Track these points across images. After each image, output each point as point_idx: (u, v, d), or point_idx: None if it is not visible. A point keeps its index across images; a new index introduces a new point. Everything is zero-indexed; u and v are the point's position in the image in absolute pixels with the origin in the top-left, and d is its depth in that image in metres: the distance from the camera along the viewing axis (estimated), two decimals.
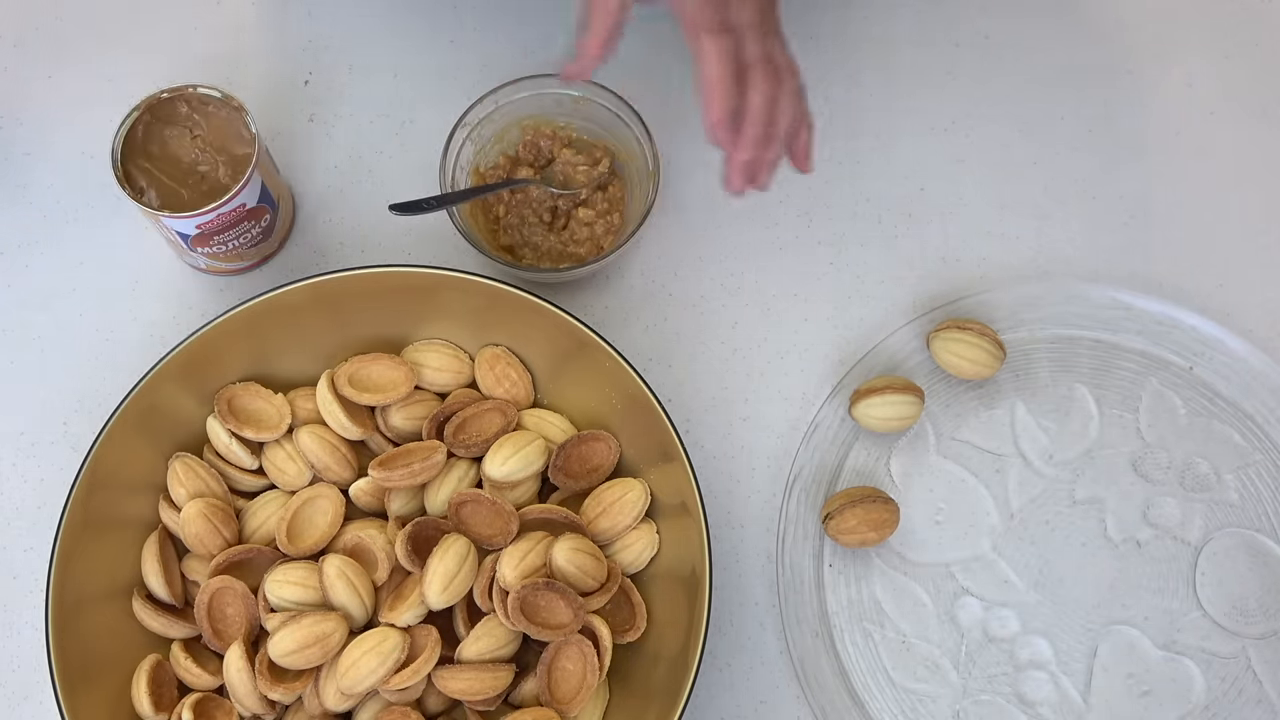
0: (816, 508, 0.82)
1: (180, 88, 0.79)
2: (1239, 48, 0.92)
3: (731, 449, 0.84)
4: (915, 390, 0.81)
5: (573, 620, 0.73)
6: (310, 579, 0.74)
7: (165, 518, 0.78)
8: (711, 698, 0.80)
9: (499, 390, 0.80)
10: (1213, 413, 0.84)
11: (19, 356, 0.85)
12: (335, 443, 0.79)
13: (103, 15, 0.92)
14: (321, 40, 0.92)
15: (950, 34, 0.92)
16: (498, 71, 0.87)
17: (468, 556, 0.73)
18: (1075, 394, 0.84)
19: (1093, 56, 0.92)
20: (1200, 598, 0.81)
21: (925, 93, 0.91)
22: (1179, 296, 0.86)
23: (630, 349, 0.84)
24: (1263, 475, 0.82)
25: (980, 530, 0.82)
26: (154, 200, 0.78)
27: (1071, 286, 0.85)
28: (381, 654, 0.71)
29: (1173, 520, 0.82)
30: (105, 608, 0.75)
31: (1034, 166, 0.90)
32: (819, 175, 0.89)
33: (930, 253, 0.88)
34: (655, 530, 0.78)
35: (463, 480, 0.78)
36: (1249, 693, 0.79)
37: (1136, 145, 0.90)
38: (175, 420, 0.78)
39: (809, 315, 0.86)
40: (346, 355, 0.80)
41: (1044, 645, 0.80)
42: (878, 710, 0.79)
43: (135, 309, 0.86)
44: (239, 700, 0.73)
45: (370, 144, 0.90)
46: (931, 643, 0.80)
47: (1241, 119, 0.91)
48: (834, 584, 0.81)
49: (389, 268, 0.78)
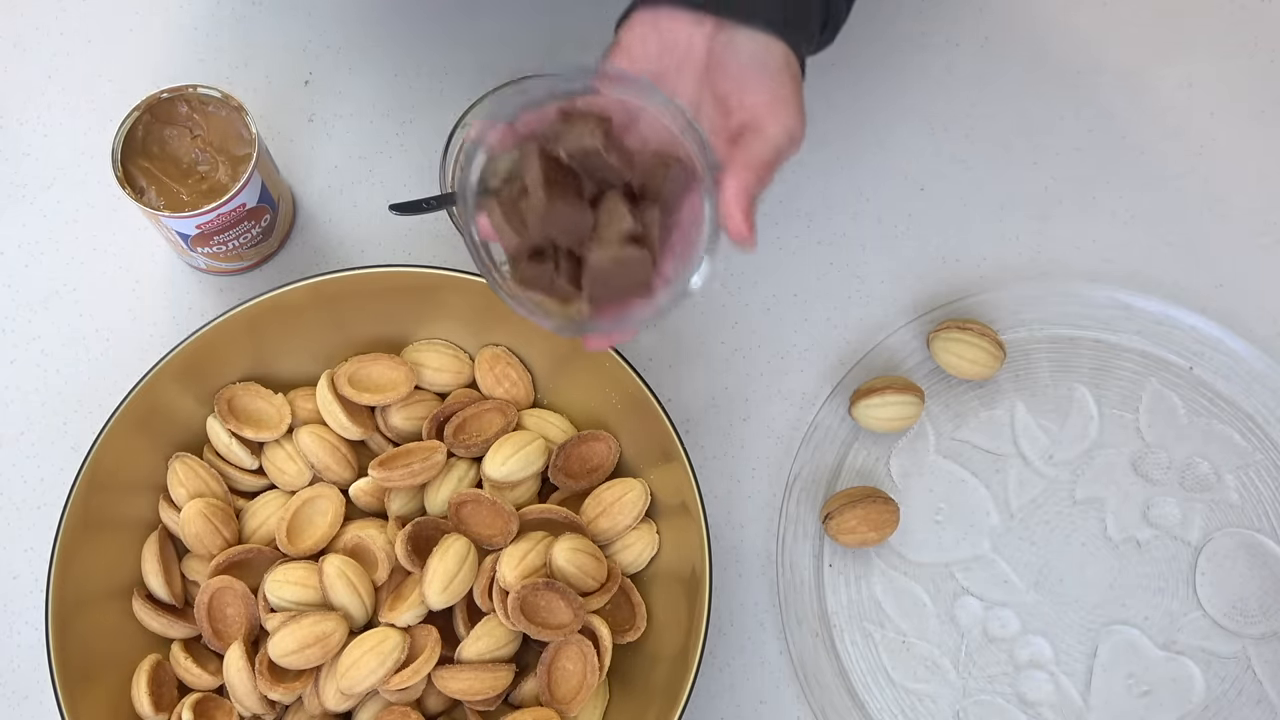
0: (816, 508, 0.82)
1: (180, 88, 0.79)
2: (1239, 48, 0.92)
3: (731, 449, 0.84)
4: (915, 390, 0.81)
5: (573, 620, 0.73)
6: (310, 579, 0.74)
7: (165, 518, 0.78)
8: (711, 698, 0.80)
9: (499, 390, 0.80)
10: (1213, 413, 0.84)
11: (19, 356, 0.85)
12: (335, 443, 0.79)
13: (103, 15, 0.92)
14: (321, 40, 0.92)
15: (950, 34, 0.92)
16: (497, 71, 0.87)
17: (468, 556, 0.73)
18: (1075, 394, 0.84)
19: (1093, 56, 0.92)
20: (1200, 598, 0.81)
21: (925, 93, 0.91)
22: (1179, 296, 0.86)
23: (630, 349, 0.84)
24: (1263, 475, 0.82)
25: (980, 530, 0.82)
26: (154, 200, 0.78)
27: (1071, 286, 0.85)
28: (381, 654, 0.71)
29: (1173, 520, 0.82)
30: (105, 608, 0.75)
31: (1034, 166, 0.90)
32: (819, 175, 0.89)
33: (930, 253, 0.88)
34: (655, 530, 0.78)
35: (463, 480, 0.78)
36: (1249, 693, 0.79)
37: (1136, 145, 0.90)
38: (175, 420, 0.78)
39: (809, 315, 0.86)
40: (346, 355, 0.80)
41: (1044, 645, 0.80)
42: (878, 710, 0.79)
43: (135, 309, 0.86)
44: (239, 700, 0.73)
45: (370, 144, 0.90)
46: (931, 643, 0.80)
47: (1241, 119, 0.91)
48: (834, 584, 0.81)
49: (389, 268, 0.78)
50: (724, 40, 0.64)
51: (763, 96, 0.63)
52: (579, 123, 0.61)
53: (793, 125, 0.63)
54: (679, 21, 0.64)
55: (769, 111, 0.63)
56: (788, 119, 0.63)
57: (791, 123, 0.63)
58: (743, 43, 0.64)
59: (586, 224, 0.61)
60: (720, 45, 0.64)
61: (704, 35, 0.64)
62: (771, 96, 0.63)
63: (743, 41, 0.64)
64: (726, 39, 0.64)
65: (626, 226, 0.60)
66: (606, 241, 0.60)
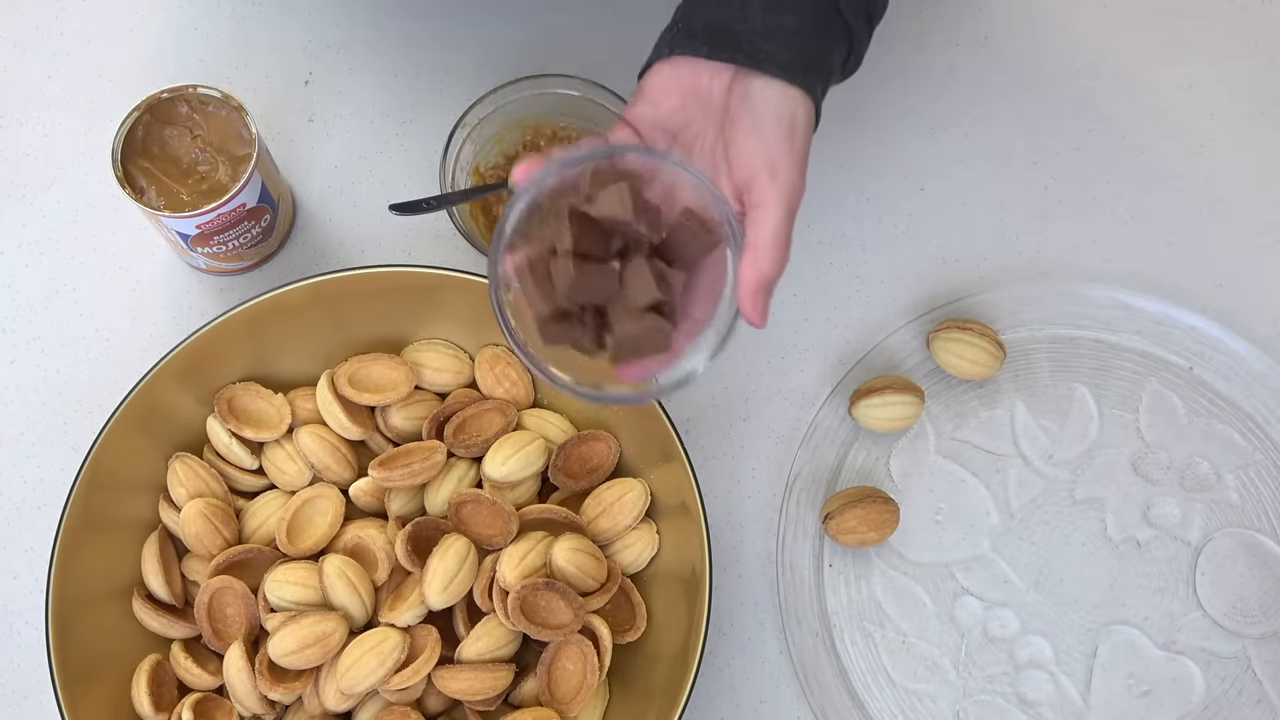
0: (816, 508, 0.82)
1: (180, 88, 0.79)
2: (1239, 48, 0.92)
3: (731, 449, 0.84)
4: (915, 390, 0.81)
5: (573, 620, 0.73)
6: (310, 579, 0.74)
7: (165, 518, 0.78)
8: (711, 698, 0.80)
9: (499, 390, 0.80)
10: (1213, 413, 0.84)
11: (19, 356, 0.85)
12: (335, 443, 0.79)
13: (103, 15, 0.92)
14: (321, 40, 0.92)
15: (950, 34, 0.92)
16: (497, 71, 0.88)
17: (468, 556, 0.73)
18: (1075, 394, 0.84)
19: (1093, 57, 0.92)
20: (1200, 598, 0.81)
21: (925, 92, 0.91)
22: (1179, 296, 0.86)
23: None
24: (1263, 475, 0.82)
25: (980, 530, 0.82)
26: (154, 200, 0.78)
27: (1071, 286, 0.85)
28: (381, 654, 0.71)
29: (1173, 520, 0.82)
30: (105, 608, 0.75)
31: (1034, 166, 0.90)
32: (819, 175, 0.89)
33: (930, 253, 0.88)
34: (655, 530, 0.78)
35: (463, 480, 0.78)
36: (1249, 693, 0.79)
37: (1136, 145, 0.90)
38: (175, 420, 0.78)
39: (809, 315, 0.86)
40: (346, 355, 0.80)
41: (1044, 645, 0.80)
42: (878, 710, 0.79)
43: (135, 309, 0.86)
44: (239, 700, 0.73)
45: (370, 144, 0.90)
46: (931, 643, 0.80)
47: (1241, 120, 0.91)
48: (834, 584, 0.81)
49: (389, 268, 0.78)
50: (740, 92, 0.64)
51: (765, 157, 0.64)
52: (609, 181, 0.62)
53: (793, 182, 0.64)
54: (700, 70, 0.65)
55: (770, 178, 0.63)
56: (787, 177, 0.64)
57: (792, 180, 0.64)
58: (757, 93, 0.64)
59: (613, 287, 0.62)
60: (736, 98, 0.64)
61: (723, 85, 0.65)
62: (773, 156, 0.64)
63: (757, 91, 0.64)
64: (743, 90, 0.64)
65: (651, 297, 0.62)
66: (631, 311, 0.63)
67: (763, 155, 0.64)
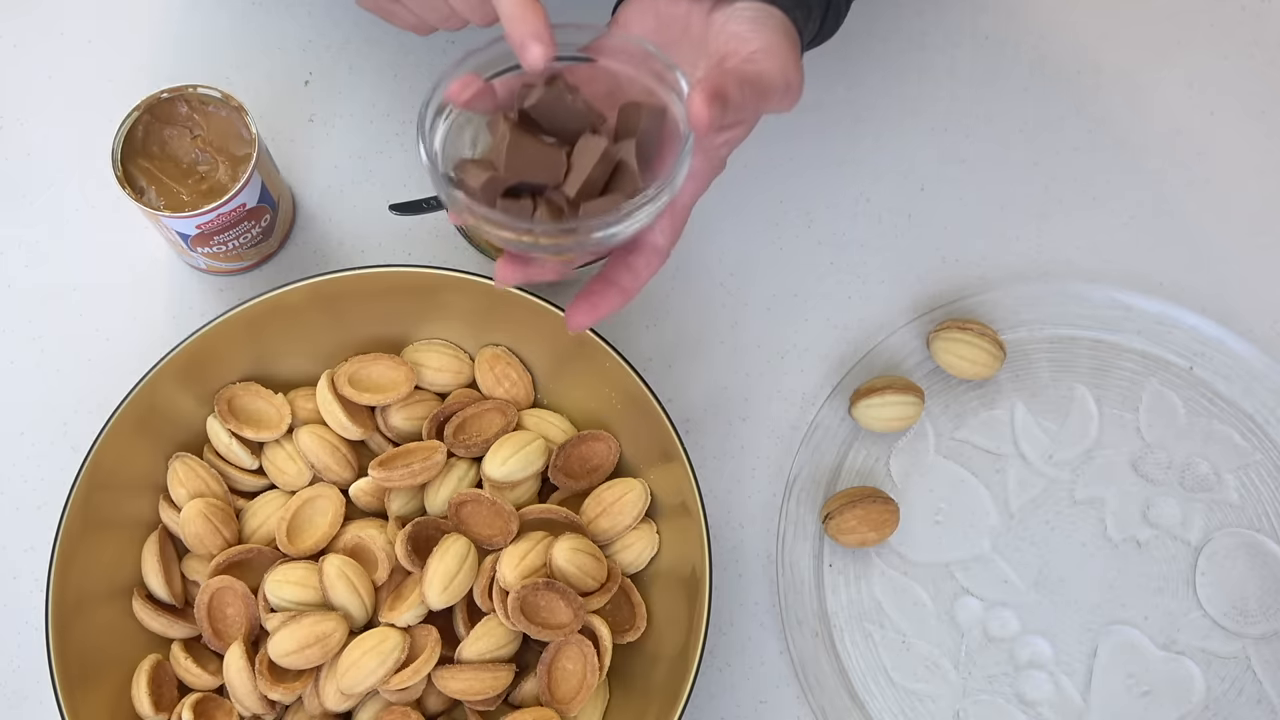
0: (816, 508, 0.82)
1: (180, 88, 0.79)
2: (1239, 48, 0.92)
3: (731, 449, 0.84)
4: (915, 390, 0.81)
5: (573, 620, 0.73)
6: (310, 579, 0.74)
7: (165, 518, 0.78)
8: (711, 698, 0.80)
9: (499, 390, 0.80)
10: (1213, 413, 0.84)
11: (19, 356, 0.85)
12: (335, 443, 0.79)
13: (103, 15, 0.92)
14: (321, 40, 0.92)
15: (950, 34, 0.92)
16: None
17: (468, 556, 0.73)
18: (1075, 394, 0.84)
19: (1093, 56, 0.92)
20: (1200, 598, 0.81)
21: (925, 93, 0.91)
22: (1179, 296, 0.86)
23: (630, 349, 0.84)
24: (1263, 475, 0.82)
25: (980, 530, 0.82)
26: (154, 200, 0.78)
27: (1071, 286, 0.85)
28: (381, 654, 0.71)
29: (1173, 520, 0.82)
30: (105, 608, 0.75)
31: (1034, 166, 0.90)
32: (819, 175, 0.89)
33: (930, 253, 0.88)
34: (655, 530, 0.78)
35: (463, 480, 0.78)
36: (1249, 693, 0.79)
37: (1136, 145, 0.90)
38: (175, 420, 0.78)
39: (809, 315, 0.86)
40: (346, 355, 0.80)
41: (1044, 645, 0.80)
42: (878, 710, 0.79)
43: (135, 309, 0.86)
44: (239, 700, 0.73)
45: (370, 144, 0.90)
46: (931, 643, 0.80)
47: (1241, 119, 0.91)
48: (834, 584, 0.81)
49: (389, 268, 0.78)
50: (722, 15, 0.63)
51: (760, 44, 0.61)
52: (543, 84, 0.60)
53: (789, 73, 0.61)
54: (677, 2, 0.63)
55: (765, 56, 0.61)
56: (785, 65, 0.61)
57: (789, 71, 0.61)
58: (742, 9, 0.62)
59: (559, 163, 0.59)
60: (720, 17, 0.63)
61: (702, 12, 0.63)
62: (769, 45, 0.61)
63: (742, 8, 0.62)
64: (725, 13, 0.63)
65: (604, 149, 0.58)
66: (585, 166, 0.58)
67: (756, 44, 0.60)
